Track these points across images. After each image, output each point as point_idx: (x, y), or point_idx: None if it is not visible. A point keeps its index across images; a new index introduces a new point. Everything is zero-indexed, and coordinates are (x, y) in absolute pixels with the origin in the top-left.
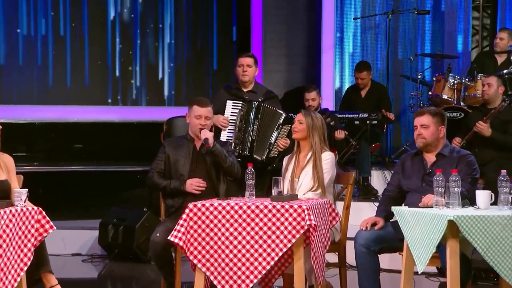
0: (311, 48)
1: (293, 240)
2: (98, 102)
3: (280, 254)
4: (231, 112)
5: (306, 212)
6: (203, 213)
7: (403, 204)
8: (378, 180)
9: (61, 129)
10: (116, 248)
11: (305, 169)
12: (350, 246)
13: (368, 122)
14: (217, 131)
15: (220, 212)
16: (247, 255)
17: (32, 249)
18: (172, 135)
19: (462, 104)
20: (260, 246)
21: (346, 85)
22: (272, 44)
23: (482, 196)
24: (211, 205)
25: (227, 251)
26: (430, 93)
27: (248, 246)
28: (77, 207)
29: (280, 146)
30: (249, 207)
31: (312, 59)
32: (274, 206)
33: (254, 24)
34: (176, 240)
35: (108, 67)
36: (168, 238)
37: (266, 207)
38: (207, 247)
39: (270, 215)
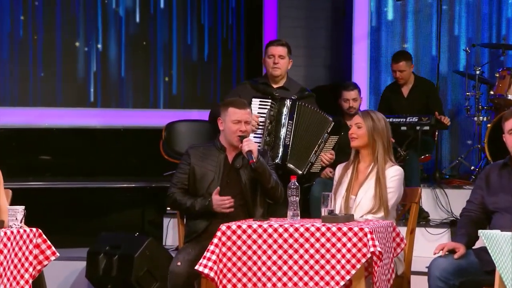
0: (337, 38)
1: (353, 271)
2: (75, 103)
3: None
4: (258, 112)
5: (369, 236)
6: (239, 237)
7: (487, 227)
8: (428, 200)
9: (28, 136)
10: (109, 283)
11: (364, 185)
12: (415, 281)
13: (418, 128)
14: None
15: (260, 236)
16: None
17: (30, 281)
18: (173, 143)
19: None
20: (311, 278)
21: (384, 84)
22: (287, 33)
23: None
24: (249, 227)
25: (269, 285)
26: (491, 92)
27: (295, 279)
28: (56, 232)
29: (324, 161)
30: (296, 229)
31: (337, 52)
32: (328, 229)
33: (267, 9)
34: (206, 271)
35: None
36: (196, 267)
37: (318, 229)
38: (244, 279)
39: (323, 240)
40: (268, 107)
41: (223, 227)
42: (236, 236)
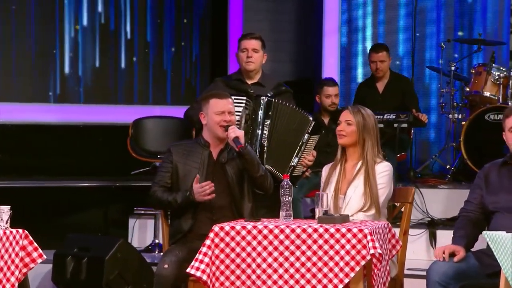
0: (305, 31)
1: (351, 274)
2: (34, 98)
3: None
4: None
5: (369, 238)
6: (233, 238)
7: (486, 228)
8: None
9: None
10: (78, 287)
11: (353, 183)
12: (407, 285)
13: (396, 125)
14: None
15: (254, 237)
16: None
17: (16, 284)
18: (140, 141)
19: (509, 103)
20: (308, 281)
21: (355, 79)
22: (253, 26)
23: None
24: (243, 228)
25: None
26: (467, 89)
27: (292, 282)
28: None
29: (306, 163)
30: (293, 230)
31: (305, 46)
32: (326, 230)
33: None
34: (199, 274)
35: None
36: (188, 270)
37: (315, 230)
38: (238, 283)
39: (321, 241)
40: (243, 105)
41: (215, 228)
42: (229, 237)
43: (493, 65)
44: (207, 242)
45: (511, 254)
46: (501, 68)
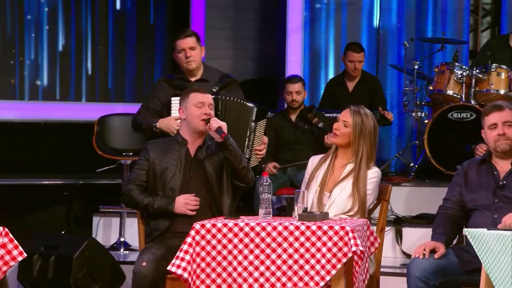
0: (268, 29)
1: (333, 272)
2: None
3: None
4: None
5: (351, 235)
6: (214, 236)
7: (464, 225)
8: None
9: None
10: (45, 286)
11: (341, 183)
12: (383, 282)
13: None
14: None
15: (236, 235)
16: None
17: None
18: (106, 138)
19: (472, 102)
20: (289, 279)
21: (319, 77)
22: (215, 24)
23: None
24: (224, 225)
25: (245, 286)
26: (430, 88)
27: (273, 279)
28: None
29: (258, 153)
30: (274, 228)
31: (268, 44)
32: (308, 227)
33: None
34: (180, 271)
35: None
36: (169, 268)
37: (297, 228)
38: (219, 280)
39: (302, 239)
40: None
41: (197, 225)
42: (210, 235)
43: (456, 64)
44: (188, 239)
45: (493, 251)
46: (464, 67)
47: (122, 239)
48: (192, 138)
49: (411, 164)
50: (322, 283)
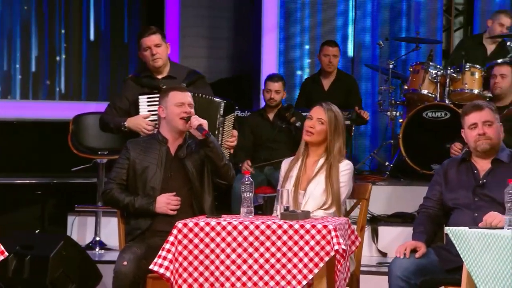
0: (243, 28)
1: (315, 270)
2: None
3: None
4: (149, 111)
5: (333, 233)
6: (196, 235)
7: (444, 224)
8: None
9: None
10: (21, 285)
11: (315, 179)
12: (364, 281)
13: None
14: None
15: (218, 234)
16: None
17: None
18: (81, 137)
19: (446, 101)
20: (272, 277)
21: (294, 76)
22: (189, 22)
23: None
24: (207, 224)
25: (227, 284)
26: (405, 87)
27: (255, 278)
28: None
29: (229, 145)
30: (257, 226)
31: (243, 43)
32: (290, 226)
33: None
34: (162, 270)
35: None
36: (151, 267)
37: (280, 227)
38: (201, 279)
39: (285, 237)
40: (158, 103)
41: (179, 224)
42: (193, 234)
43: (431, 63)
44: (170, 238)
45: (475, 249)
46: (439, 66)
47: (97, 238)
48: (172, 137)
49: (386, 163)
50: (304, 282)
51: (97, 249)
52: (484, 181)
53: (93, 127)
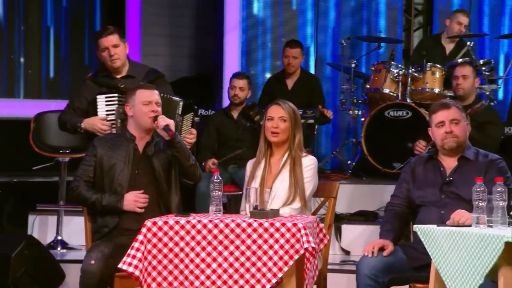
0: (205, 27)
1: (285, 268)
2: None
3: (268, 286)
4: (107, 111)
5: (303, 232)
6: (166, 233)
7: (411, 222)
8: None
9: None
10: None
11: (279, 176)
12: (335, 279)
13: (303, 121)
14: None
15: (188, 232)
16: (224, 287)
17: None
18: (43, 135)
19: (408, 100)
20: (242, 276)
21: (257, 74)
22: (150, 21)
23: None
24: (176, 222)
25: (197, 283)
26: (367, 86)
27: (225, 277)
28: None
29: (187, 141)
30: (227, 225)
31: (205, 42)
32: (260, 224)
33: None
34: (131, 269)
35: None
36: (120, 266)
37: (250, 225)
38: (170, 278)
39: (255, 236)
40: (116, 102)
41: (148, 223)
42: (162, 232)
43: (392, 62)
44: (140, 237)
45: (443, 247)
46: (400, 65)
47: (59, 238)
48: (140, 135)
49: (348, 162)
50: (274, 280)
51: (59, 248)
52: (451, 178)
53: (54, 125)
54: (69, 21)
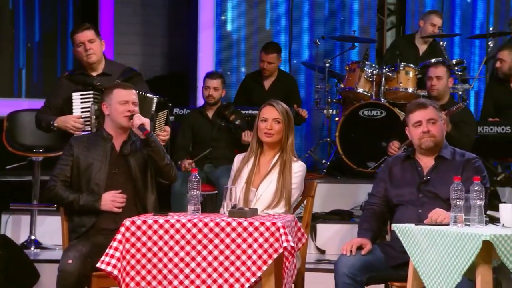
0: (179, 25)
1: (264, 267)
2: None
3: (247, 285)
4: (82, 108)
5: (282, 231)
6: (144, 233)
7: (389, 221)
8: None
9: None
10: None
11: (267, 178)
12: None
13: None
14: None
15: (167, 231)
16: (203, 287)
17: None
18: (16, 134)
19: (382, 100)
20: (220, 275)
21: (232, 73)
22: (123, 19)
23: (508, 211)
24: (155, 222)
25: (175, 282)
26: (341, 86)
27: (204, 276)
28: None
29: (161, 138)
30: (206, 224)
31: (178, 40)
32: (239, 223)
33: None
34: (110, 268)
35: None
36: (98, 265)
37: (229, 224)
38: (149, 277)
39: (234, 235)
40: (92, 100)
41: (127, 222)
42: (141, 231)
43: (366, 62)
44: (118, 236)
45: (422, 245)
46: (374, 65)
47: (32, 237)
48: (116, 134)
49: (323, 161)
50: (253, 279)
51: (32, 248)
52: (428, 177)
53: (28, 124)
54: (41, 21)
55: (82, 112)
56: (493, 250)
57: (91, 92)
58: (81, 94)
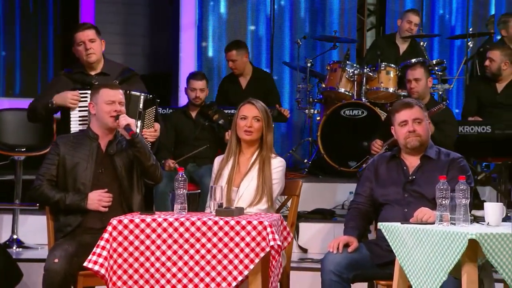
0: (160, 25)
1: (251, 266)
2: None
3: (234, 284)
4: (80, 107)
5: (268, 230)
6: (131, 232)
7: (374, 220)
8: None
9: None
10: None
11: (248, 176)
12: (293, 277)
13: None
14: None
15: (154, 230)
16: (190, 286)
17: None
18: None
19: (363, 99)
20: (208, 274)
21: (213, 73)
22: (104, 19)
23: (493, 209)
24: (142, 221)
25: (162, 281)
26: (323, 85)
27: (191, 274)
28: None
29: (148, 139)
30: (193, 223)
31: (159, 40)
32: (226, 222)
33: None
34: (97, 267)
35: None
36: (85, 264)
37: (216, 223)
38: (136, 276)
39: (221, 234)
40: (89, 99)
41: (114, 221)
42: (128, 230)
43: (348, 62)
44: (105, 235)
45: (408, 244)
46: (355, 65)
47: (15, 236)
48: (103, 133)
49: (305, 161)
50: (240, 278)
51: (14, 247)
52: (414, 177)
53: (10, 123)
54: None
55: (79, 109)
56: (479, 249)
57: (89, 91)
58: (80, 93)
